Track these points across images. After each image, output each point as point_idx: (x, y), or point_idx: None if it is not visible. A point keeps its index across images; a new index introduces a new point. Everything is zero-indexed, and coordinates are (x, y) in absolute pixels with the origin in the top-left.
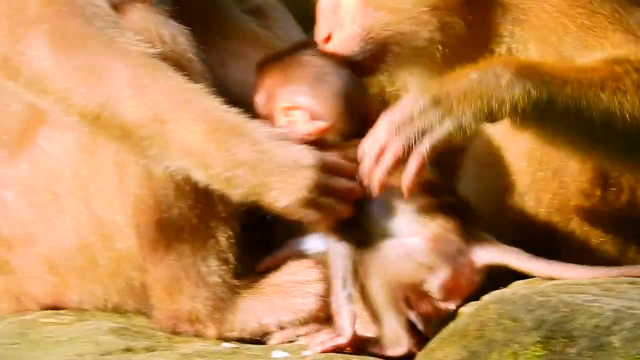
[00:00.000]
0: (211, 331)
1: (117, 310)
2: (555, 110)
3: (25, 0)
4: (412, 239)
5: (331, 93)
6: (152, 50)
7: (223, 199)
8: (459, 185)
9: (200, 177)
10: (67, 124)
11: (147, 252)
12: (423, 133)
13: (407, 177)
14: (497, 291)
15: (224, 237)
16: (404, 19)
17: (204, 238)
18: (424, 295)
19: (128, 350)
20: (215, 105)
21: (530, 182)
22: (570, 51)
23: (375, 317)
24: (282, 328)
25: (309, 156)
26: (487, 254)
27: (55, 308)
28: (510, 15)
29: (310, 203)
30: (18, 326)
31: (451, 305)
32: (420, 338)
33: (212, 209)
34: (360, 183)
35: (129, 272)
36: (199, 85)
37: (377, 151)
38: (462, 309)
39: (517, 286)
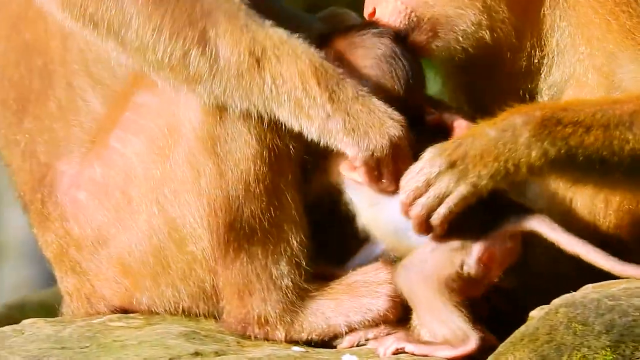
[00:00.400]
0: (280, 334)
1: (187, 313)
2: (575, 162)
3: None
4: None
5: (393, 74)
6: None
7: (295, 200)
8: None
9: (293, 118)
10: (140, 127)
11: (219, 254)
12: (440, 197)
13: (433, 236)
14: (567, 295)
15: (295, 240)
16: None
17: (276, 241)
18: (470, 279)
19: (197, 354)
20: (312, 51)
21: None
22: (612, 48)
23: (436, 321)
24: (351, 330)
25: (398, 114)
26: (516, 221)
27: (125, 311)
28: (557, 8)
29: (381, 158)
30: (87, 330)
31: (496, 279)
32: (484, 328)
33: (284, 212)
34: None
35: (200, 275)
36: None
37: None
38: (532, 313)
39: (587, 290)
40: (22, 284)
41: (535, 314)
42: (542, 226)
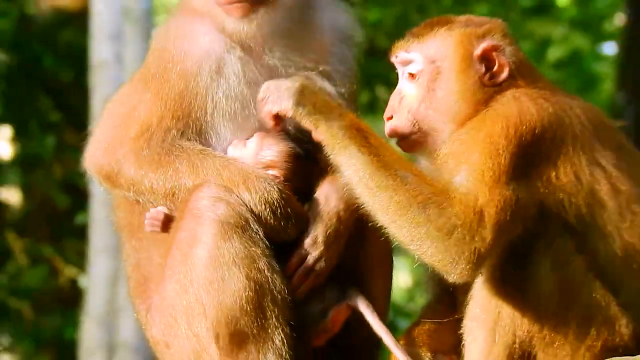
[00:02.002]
0: None
1: None
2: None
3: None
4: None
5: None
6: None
7: (275, 311)
8: None
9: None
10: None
11: (226, 352)
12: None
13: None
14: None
15: (277, 339)
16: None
17: (264, 341)
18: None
19: None
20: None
21: None
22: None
23: None
24: None
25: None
26: (350, 299)
27: None
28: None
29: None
30: None
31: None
32: None
33: (267, 321)
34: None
35: None
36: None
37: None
38: None
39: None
40: None
41: None
42: (362, 306)
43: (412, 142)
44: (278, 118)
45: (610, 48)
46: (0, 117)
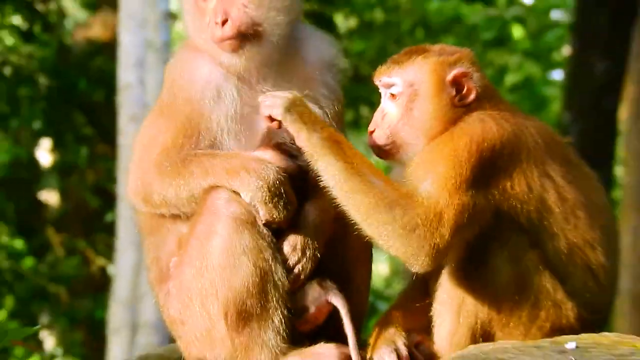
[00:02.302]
0: None
1: None
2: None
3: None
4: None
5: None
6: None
7: (275, 295)
8: None
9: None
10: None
11: (233, 329)
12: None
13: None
14: (460, 351)
15: (277, 319)
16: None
17: (265, 320)
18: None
19: None
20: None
21: None
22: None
23: None
24: None
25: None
26: (332, 296)
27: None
28: None
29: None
30: None
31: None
32: None
33: (269, 302)
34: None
35: (228, 343)
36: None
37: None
38: (443, 358)
39: (470, 348)
40: (149, 346)
41: (446, 357)
42: (339, 303)
43: (389, 152)
44: (272, 119)
45: (558, 74)
46: (42, 132)
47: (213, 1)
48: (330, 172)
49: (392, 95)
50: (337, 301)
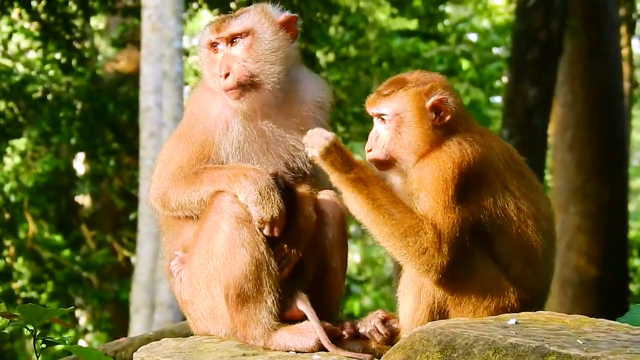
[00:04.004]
0: (261, 345)
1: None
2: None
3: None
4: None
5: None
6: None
7: (268, 279)
8: None
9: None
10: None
11: (233, 308)
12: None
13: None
14: (419, 327)
15: (269, 299)
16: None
17: (259, 301)
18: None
19: (244, 355)
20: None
21: None
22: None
23: None
24: (297, 351)
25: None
26: (302, 306)
27: (207, 334)
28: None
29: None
30: (191, 343)
31: None
32: None
33: (263, 286)
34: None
35: (228, 320)
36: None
37: None
38: (402, 335)
39: (429, 324)
40: (164, 323)
41: (404, 335)
42: (307, 311)
43: (386, 165)
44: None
45: (498, 99)
46: (78, 146)
47: (220, 55)
48: (355, 206)
49: (383, 120)
50: (304, 308)
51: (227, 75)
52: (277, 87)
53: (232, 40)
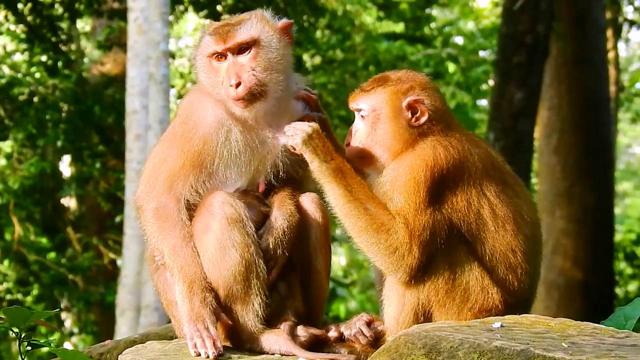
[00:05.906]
0: (248, 347)
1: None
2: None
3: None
4: None
5: None
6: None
7: (256, 283)
8: None
9: None
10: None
11: (223, 309)
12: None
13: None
14: (405, 330)
15: (256, 302)
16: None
17: (247, 303)
18: None
19: (230, 358)
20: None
21: None
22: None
23: None
24: (282, 354)
25: None
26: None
27: None
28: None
29: None
30: (176, 346)
31: None
32: None
33: (251, 289)
34: None
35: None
36: None
37: None
38: (387, 338)
39: (414, 328)
40: (150, 325)
41: (389, 338)
42: (285, 331)
43: (364, 161)
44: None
45: (484, 102)
46: (64, 149)
47: (225, 64)
48: (332, 197)
49: (362, 116)
50: (285, 329)
51: (238, 84)
52: (278, 98)
53: (238, 49)
